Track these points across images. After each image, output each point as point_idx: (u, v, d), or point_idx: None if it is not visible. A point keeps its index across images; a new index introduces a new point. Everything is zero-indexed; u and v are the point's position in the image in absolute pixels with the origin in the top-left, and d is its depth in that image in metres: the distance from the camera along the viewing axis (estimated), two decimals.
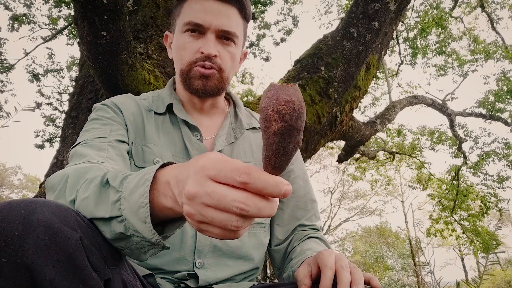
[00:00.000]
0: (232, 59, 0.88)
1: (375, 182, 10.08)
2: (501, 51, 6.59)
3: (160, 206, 0.48)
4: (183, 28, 0.86)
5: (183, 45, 0.86)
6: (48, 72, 5.70)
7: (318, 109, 2.28)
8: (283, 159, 0.37)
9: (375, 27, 2.18)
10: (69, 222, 0.46)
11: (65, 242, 0.44)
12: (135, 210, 0.48)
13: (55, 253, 0.43)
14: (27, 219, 0.43)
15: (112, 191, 0.52)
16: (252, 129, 0.98)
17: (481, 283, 1.34)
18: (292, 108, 0.35)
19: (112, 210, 0.51)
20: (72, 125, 2.35)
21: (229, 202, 0.38)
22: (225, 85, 0.90)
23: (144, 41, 2.18)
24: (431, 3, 6.07)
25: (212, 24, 0.83)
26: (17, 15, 5.11)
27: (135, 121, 0.87)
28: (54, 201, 0.49)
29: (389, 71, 7.29)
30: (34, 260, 0.42)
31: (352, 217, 18.37)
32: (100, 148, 0.76)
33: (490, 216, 11.04)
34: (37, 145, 5.22)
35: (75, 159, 0.74)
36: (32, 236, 0.42)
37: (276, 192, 0.37)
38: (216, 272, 0.80)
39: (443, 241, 13.08)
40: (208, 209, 0.39)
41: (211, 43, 0.84)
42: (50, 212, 0.45)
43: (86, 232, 0.48)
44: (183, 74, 0.87)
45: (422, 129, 7.63)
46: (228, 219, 0.38)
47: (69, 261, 0.44)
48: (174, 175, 0.46)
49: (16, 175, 20.65)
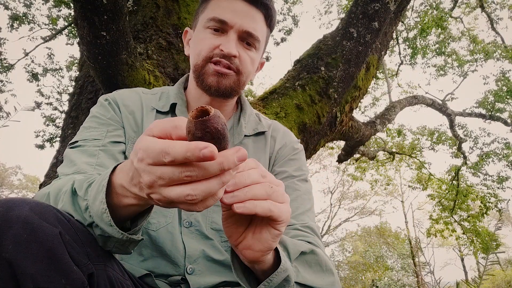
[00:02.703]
0: (252, 63, 0.85)
1: (375, 182, 10.08)
2: (501, 51, 6.59)
3: (124, 206, 0.50)
4: (206, 24, 0.83)
5: (203, 40, 0.83)
6: (47, 72, 5.70)
7: (318, 109, 2.28)
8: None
9: (375, 27, 2.18)
10: (48, 218, 0.47)
11: (44, 237, 0.45)
12: (99, 216, 0.51)
13: (35, 248, 0.44)
14: (5, 216, 0.44)
15: (80, 200, 0.56)
16: (256, 135, 0.94)
17: (481, 283, 1.34)
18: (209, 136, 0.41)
19: (86, 217, 0.54)
20: (72, 125, 2.35)
21: (158, 150, 0.40)
22: (240, 89, 0.86)
23: (144, 41, 2.18)
24: (431, 3, 6.07)
25: (236, 23, 0.81)
26: (17, 15, 5.11)
27: (134, 119, 0.87)
28: (33, 199, 0.50)
29: (389, 71, 7.30)
30: (14, 255, 0.42)
31: (352, 217, 18.39)
32: (91, 154, 0.77)
33: (490, 216, 11.05)
34: (37, 145, 5.23)
35: (66, 165, 0.77)
36: (11, 233, 0.43)
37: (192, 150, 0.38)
38: (207, 278, 0.79)
39: (443, 241, 13.09)
40: (154, 167, 0.40)
41: (233, 42, 0.81)
42: (29, 209, 0.46)
43: (67, 228, 0.50)
44: (197, 70, 0.84)
45: (422, 129, 7.64)
46: (174, 170, 0.39)
47: (49, 255, 0.45)
48: (125, 176, 0.47)
49: (16, 175, 20.66)
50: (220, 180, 0.41)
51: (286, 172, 0.90)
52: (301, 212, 0.84)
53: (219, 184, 0.41)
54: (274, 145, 0.94)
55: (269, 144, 0.93)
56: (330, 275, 0.68)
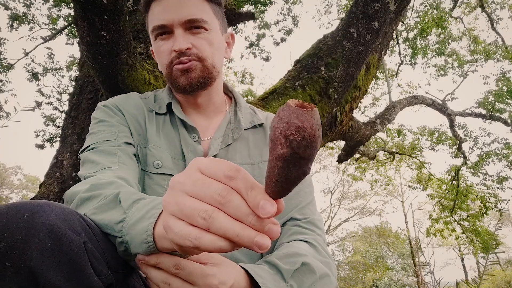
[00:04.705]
0: (209, 44, 0.84)
1: (375, 182, 10.08)
2: (501, 51, 6.59)
3: (163, 236, 0.47)
4: (153, 35, 0.85)
5: (158, 51, 0.85)
6: (47, 71, 5.69)
7: (318, 109, 2.28)
8: (283, 185, 0.35)
9: (375, 27, 2.18)
10: (73, 225, 0.46)
11: (68, 247, 0.44)
12: (138, 243, 0.49)
13: (59, 257, 0.43)
14: (31, 222, 0.43)
15: (120, 211, 0.53)
16: (253, 127, 0.94)
17: (481, 283, 1.34)
18: (302, 136, 0.31)
19: (115, 229, 0.52)
20: (72, 125, 2.35)
21: (213, 190, 0.37)
22: (211, 74, 0.85)
23: (144, 41, 2.18)
24: (431, 3, 6.07)
25: (174, 20, 0.81)
26: (17, 15, 5.11)
27: (137, 122, 0.86)
28: (58, 204, 0.48)
29: (389, 71, 7.29)
30: (38, 264, 0.41)
31: (352, 217, 18.38)
32: (110, 153, 0.76)
33: (490, 216, 11.05)
34: (37, 145, 5.22)
35: (88, 167, 0.74)
36: (36, 240, 0.42)
37: (254, 199, 0.36)
38: None
39: (443, 241, 13.09)
40: (186, 197, 0.38)
41: (180, 38, 0.81)
42: (55, 216, 0.45)
43: (89, 236, 0.48)
44: (168, 78, 0.86)
45: (422, 129, 7.63)
46: (200, 206, 0.37)
47: (72, 266, 0.44)
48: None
49: (16, 175, 20.65)
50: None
51: None
52: (303, 206, 0.83)
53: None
54: None
55: (268, 135, 0.92)
56: (326, 278, 0.68)
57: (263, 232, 0.36)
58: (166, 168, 0.81)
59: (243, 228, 0.36)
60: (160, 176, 0.81)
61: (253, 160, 0.89)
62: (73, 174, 2.17)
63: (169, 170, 0.81)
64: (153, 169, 0.81)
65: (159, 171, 0.81)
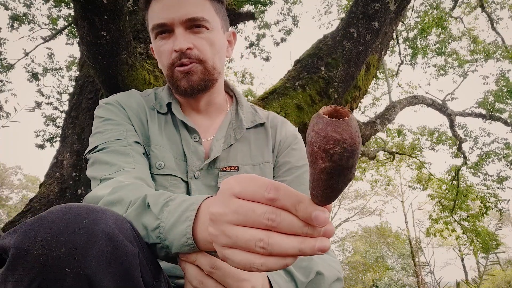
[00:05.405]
0: (211, 44, 0.81)
1: (375, 182, 10.09)
2: (501, 51, 6.59)
3: (204, 239, 0.47)
4: (153, 34, 0.83)
5: (159, 51, 0.83)
6: (47, 71, 5.70)
7: (318, 109, 2.28)
8: (331, 194, 0.35)
9: (375, 27, 2.18)
10: (127, 234, 0.46)
11: (124, 257, 0.44)
12: (179, 246, 0.49)
13: (114, 266, 0.42)
14: (91, 229, 0.42)
15: (152, 217, 0.53)
16: (254, 127, 0.92)
17: (481, 283, 1.34)
18: (342, 148, 0.30)
19: (152, 236, 0.52)
20: (72, 125, 2.35)
21: (259, 215, 0.36)
22: (213, 76, 0.83)
23: (144, 41, 2.19)
24: (431, 3, 6.07)
25: (174, 18, 0.78)
26: (17, 15, 5.11)
27: (140, 120, 0.85)
28: (112, 210, 0.48)
29: (389, 71, 7.29)
30: (95, 272, 0.41)
31: (352, 217, 18.39)
32: (123, 153, 0.74)
33: (490, 216, 11.05)
34: (37, 145, 5.22)
35: (101, 168, 0.72)
36: (95, 248, 0.42)
37: (305, 213, 0.35)
38: None
39: (443, 241, 13.07)
40: (233, 227, 0.38)
41: (180, 37, 0.78)
42: (112, 223, 0.45)
43: (139, 245, 0.48)
44: (169, 79, 0.84)
45: (422, 129, 7.64)
46: (254, 235, 0.36)
47: (126, 276, 0.44)
48: (209, 208, 0.43)
49: (16, 175, 20.66)
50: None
51: (289, 163, 0.88)
52: None
53: None
54: (275, 136, 0.92)
55: (270, 135, 0.91)
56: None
57: (320, 236, 0.37)
58: (168, 168, 0.81)
59: (302, 241, 0.36)
60: (163, 177, 0.80)
61: (254, 161, 0.87)
62: (73, 174, 2.17)
63: (171, 170, 0.81)
64: (155, 170, 0.80)
65: (162, 172, 0.80)
